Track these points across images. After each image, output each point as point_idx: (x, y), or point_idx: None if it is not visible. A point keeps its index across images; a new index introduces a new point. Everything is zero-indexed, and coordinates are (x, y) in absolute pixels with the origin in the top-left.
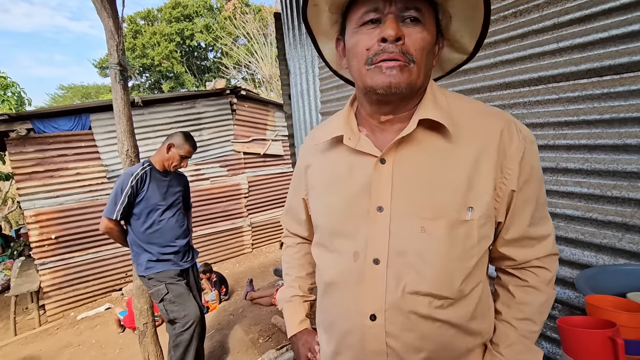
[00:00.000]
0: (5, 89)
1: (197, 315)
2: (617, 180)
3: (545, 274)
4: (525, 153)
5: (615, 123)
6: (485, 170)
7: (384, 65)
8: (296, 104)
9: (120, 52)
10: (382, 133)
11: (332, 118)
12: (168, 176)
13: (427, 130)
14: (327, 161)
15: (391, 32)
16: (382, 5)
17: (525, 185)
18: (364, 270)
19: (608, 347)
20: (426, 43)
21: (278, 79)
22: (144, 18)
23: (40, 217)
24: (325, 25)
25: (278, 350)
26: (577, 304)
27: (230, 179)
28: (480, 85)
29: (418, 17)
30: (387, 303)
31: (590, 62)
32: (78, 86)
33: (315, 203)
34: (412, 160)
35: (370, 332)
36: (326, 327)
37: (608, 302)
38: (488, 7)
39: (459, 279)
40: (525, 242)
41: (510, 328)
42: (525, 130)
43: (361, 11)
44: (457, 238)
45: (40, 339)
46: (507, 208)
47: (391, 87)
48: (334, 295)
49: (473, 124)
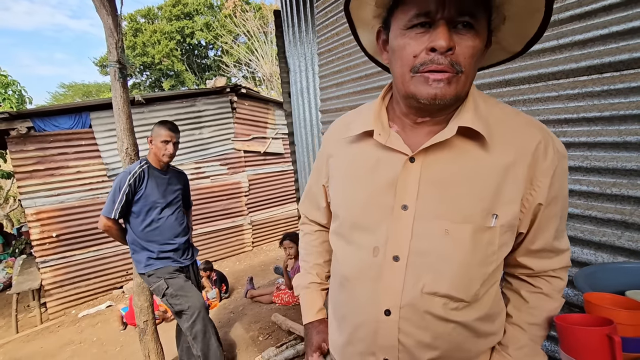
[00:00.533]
0: (6, 88)
1: (201, 304)
2: (616, 177)
3: (558, 283)
4: (557, 169)
5: (615, 120)
6: (515, 180)
7: (431, 77)
8: (296, 102)
9: (119, 50)
10: (414, 132)
11: (362, 110)
12: (167, 174)
13: (462, 136)
14: (353, 153)
15: (443, 42)
16: (434, 9)
17: (554, 200)
18: (383, 266)
19: (605, 344)
20: (477, 51)
21: (278, 77)
22: (144, 16)
23: (41, 215)
24: (367, 17)
25: (278, 348)
26: (576, 302)
27: (230, 177)
28: (479, 83)
29: (472, 23)
30: (403, 300)
31: (590, 59)
32: (79, 84)
33: (336, 193)
34: (442, 163)
35: (383, 326)
36: (339, 317)
37: (606, 300)
38: (549, 12)
39: (477, 284)
40: (545, 254)
41: (521, 331)
42: (561, 146)
43: (410, 13)
44: (480, 244)
45: (42, 337)
46: (532, 220)
47: (436, 99)
48: (350, 288)
49: (510, 133)
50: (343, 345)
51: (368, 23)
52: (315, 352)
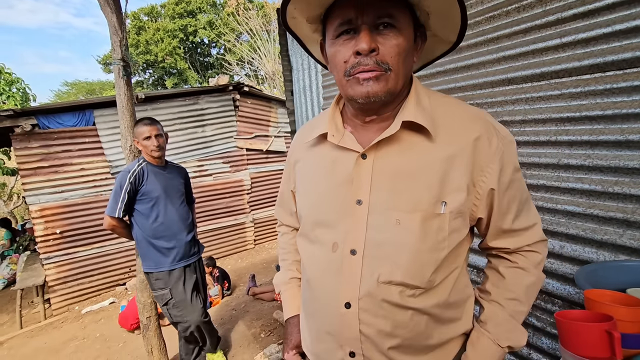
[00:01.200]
0: (10, 85)
1: (196, 321)
2: (619, 176)
3: (535, 257)
4: (504, 154)
5: (617, 119)
6: (461, 168)
7: (361, 77)
8: (298, 100)
9: (123, 48)
10: (365, 131)
11: (322, 115)
12: (166, 169)
13: (408, 130)
14: (314, 156)
15: (364, 45)
16: (354, 16)
17: (509, 183)
18: (342, 261)
19: (605, 340)
20: (401, 48)
21: (281, 76)
22: (147, 14)
23: (45, 212)
24: (308, 32)
25: (280, 345)
26: (577, 300)
27: (233, 175)
28: (482, 81)
29: (392, 22)
30: (361, 292)
31: (593, 57)
32: (82, 82)
33: (300, 195)
34: (391, 157)
35: (345, 319)
36: (307, 316)
37: (607, 297)
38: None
39: (429, 270)
40: (514, 233)
41: (499, 307)
42: (505, 132)
43: (336, 23)
44: (429, 230)
45: (46, 332)
46: (490, 205)
47: (369, 96)
48: (314, 286)
49: (454, 124)
50: (312, 343)
51: (311, 38)
52: (292, 350)
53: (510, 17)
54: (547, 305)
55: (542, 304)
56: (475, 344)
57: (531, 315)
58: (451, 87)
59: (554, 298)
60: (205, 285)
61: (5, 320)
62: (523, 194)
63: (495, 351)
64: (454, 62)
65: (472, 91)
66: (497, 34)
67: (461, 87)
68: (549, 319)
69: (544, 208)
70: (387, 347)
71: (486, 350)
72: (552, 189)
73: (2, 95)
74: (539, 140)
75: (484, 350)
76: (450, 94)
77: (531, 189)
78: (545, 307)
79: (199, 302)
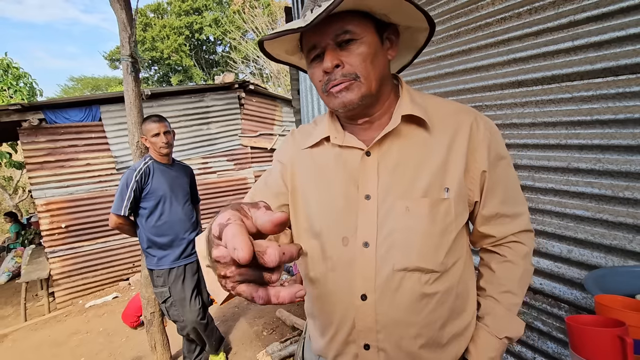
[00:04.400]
0: (17, 80)
1: (192, 322)
2: (629, 181)
3: (520, 248)
4: (491, 140)
5: (629, 123)
6: (458, 155)
7: (334, 90)
8: (305, 99)
9: (132, 44)
10: (364, 131)
11: (317, 121)
12: (173, 168)
13: (407, 124)
14: (314, 161)
15: (328, 64)
16: (317, 42)
17: (494, 168)
18: (354, 254)
19: (617, 346)
20: (365, 55)
21: (286, 74)
22: (153, 11)
23: (50, 206)
24: (296, 60)
25: (282, 343)
26: (584, 305)
27: (237, 173)
28: (492, 83)
29: (351, 37)
30: (377, 282)
31: (606, 60)
32: (88, 78)
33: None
34: (395, 151)
35: (361, 311)
36: (317, 314)
37: (617, 302)
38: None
39: (442, 252)
40: (500, 219)
41: (494, 302)
42: (489, 121)
43: (306, 50)
44: (438, 214)
45: (50, 325)
46: (482, 187)
47: (346, 105)
48: (324, 282)
49: (446, 117)
50: (326, 342)
51: (300, 63)
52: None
53: (521, 19)
54: (554, 310)
55: (549, 308)
56: (475, 339)
57: (537, 319)
58: (460, 89)
59: (560, 302)
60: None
61: (10, 312)
62: (510, 181)
63: (494, 343)
64: (464, 64)
65: (481, 93)
66: (508, 36)
67: (470, 89)
68: (554, 324)
69: (552, 212)
70: (403, 337)
71: (486, 343)
72: (561, 193)
73: (10, 89)
74: (549, 143)
75: (484, 344)
76: (459, 96)
77: (539, 193)
78: (552, 311)
79: (198, 303)
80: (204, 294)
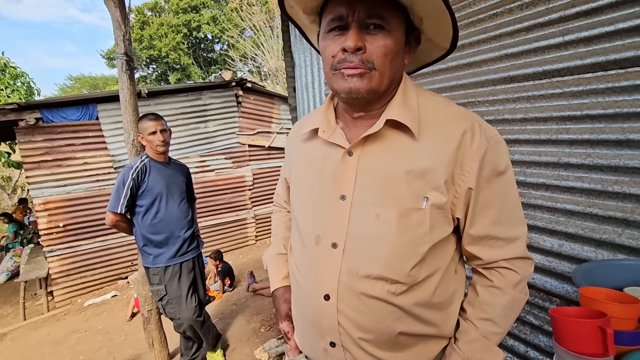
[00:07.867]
0: (15, 79)
1: (188, 319)
2: (618, 175)
3: (512, 276)
4: (487, 152)
5: (618, 118)
6: (443, 165)
7: (346, 72)
8: (301, 97)
9: (126, 42)
10: (355, 128)
11: (317, 109)
12: (169, 166)
13: (393, 128)
14: (306, 150)
15: (351, 43)
16: (345, 14)
17: (487, 184)
18: (323, 253)
19: (598, 336)
20: (388, 50)
21: (284, 72)
22: (151, 9)
23: (48, 205)
24: (306, 22)
25: (279, 340)
26: (574, 298)
27: (235, 171)
28: (484, 79)
29: (381, 24)
30: (340, 284)
31: (595, 55)
32: (86, 77)
33: (292, 187)
34: (376, 154)
35: (325, 310)
36: (295, 303)
37: (602, 294)
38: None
39: (409, 264)
40: (491, 242)
41: (472, 327)
42: (491, 131)
43: (329, 18)
44: (408, 224)
45: (49, 324)
46: (467, 205)
47: (351, 92)
48: (298, 277)
49: (439, 122)
50: (300, 331)
51: (309, 27)
52: (285, 320)
53: (513, 14)
54: (545, 304)
55: (540, 302)
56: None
57: (529, 313)
58: (453, 85)
59: (551, 296)
60: (204, 283)
61: (9, 312)
62: (508, 200)
63: None
64: (456, 60)
65: (473, 89)
66: (500, 32)
67: (463, 85)
68: (546, 317)
69: (543, 206)
70: (362, 340)
71: None
72: (552, 188)
73: (7, 89)
74: (540, 138)
75: None
76: (451, 92)
77: (531, 188)
78: (543, 305)
79: (194, 301)
80: (200, 291)
